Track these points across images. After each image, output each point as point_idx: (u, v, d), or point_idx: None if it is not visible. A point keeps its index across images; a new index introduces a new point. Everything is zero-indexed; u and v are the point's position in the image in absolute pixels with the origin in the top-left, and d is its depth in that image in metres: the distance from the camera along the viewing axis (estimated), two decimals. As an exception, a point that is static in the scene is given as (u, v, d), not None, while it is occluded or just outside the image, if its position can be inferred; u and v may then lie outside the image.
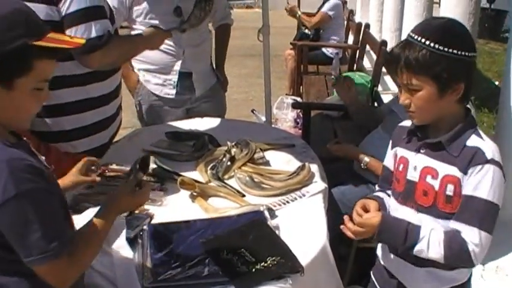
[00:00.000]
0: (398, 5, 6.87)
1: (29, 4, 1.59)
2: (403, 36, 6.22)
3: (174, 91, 3.41)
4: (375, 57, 5.66)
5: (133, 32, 3.28)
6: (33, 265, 1.46)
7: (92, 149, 2.62)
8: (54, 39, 1.54)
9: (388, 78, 5.62)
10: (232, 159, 2.54)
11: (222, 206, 2.22)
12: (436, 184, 1.76)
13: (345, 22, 7.68)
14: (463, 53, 1.67)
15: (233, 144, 2.64)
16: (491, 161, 1.68)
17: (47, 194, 1.49)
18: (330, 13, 7.14)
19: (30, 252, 1.44)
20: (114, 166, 2.35)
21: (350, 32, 7.66)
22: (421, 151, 1.82)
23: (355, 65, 6.34)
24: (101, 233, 1.64)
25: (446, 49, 1.65)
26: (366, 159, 2.85)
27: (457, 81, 1.70)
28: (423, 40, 1.67)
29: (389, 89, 5.87)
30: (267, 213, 2.07)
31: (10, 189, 1.40)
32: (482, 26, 7.74)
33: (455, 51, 1.66)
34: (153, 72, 3.42)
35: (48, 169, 1.60)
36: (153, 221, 2.03)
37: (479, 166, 1.68)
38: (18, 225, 1.43)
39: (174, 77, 3.39)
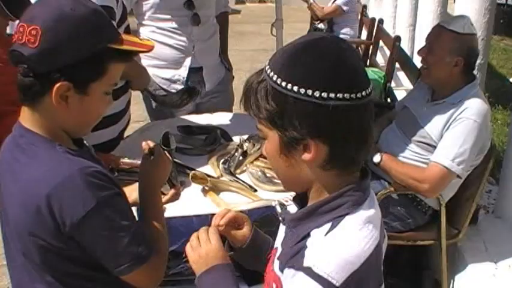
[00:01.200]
0: (413, 0, 6.83)
1: None
2: (417, 32, 6.23)
3: (182, 86, 3.40)
4: (388, 52, 5.63)
5: (141, 29, 3.29)
6: (124, 273, 1.42)
7: (101, 144, 2.61)
8: (128, 41, 1.48)
9: (401, 74, 5.59)
10: (245, 154, 2.54)
11: (234, 201, 2.21)
12: None
13: (359, 17, 7.64)
14: (306, 91, 1.09)
15: (245, 138, 2.63)
16: None
17: (121, 198, 1.45)
18: (344, 8, 7.11)
19: (121, 261, 1.40)
20: (126, 160, 2.35)
21: (363, 27, 7.62)
22: None
23: (368, 61, 6.31)
24: (160, 217, 1.62)
25: (284, 84, 1.11)
26: (378, 157, 2.83)
27: (304, 136, 1.13)
28: (268, 71, 1.15)
29: (402, 85, 5.83)
30: (278, 208, 2.05)
31: (90, 199, 1.34)
32: (497, 22, 7.68)
33: (297, 90, 1.10)
34: (162, 68, 3.41)
35: (111, 173, 1.58)
36: (165, 215, 2.02)
37: None
38: (105, 235, 1.38)
39: (183, 73, 3.37)
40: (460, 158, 2.58)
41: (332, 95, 1.08)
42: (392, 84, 5.21)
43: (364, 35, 7.49)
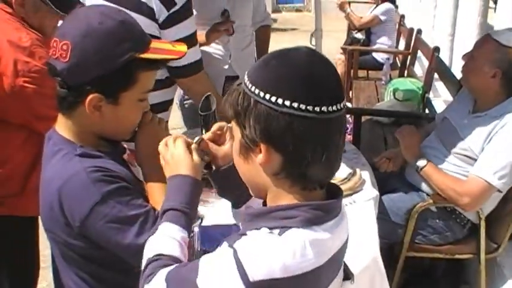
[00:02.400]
0: (452, 10, 6.76)
1: (131, 13, 1.56)
2: (456, 42, 6.16)
3: (220, 94, 3.42)
4: (425, 63, 5.58)
5: None
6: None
7: None
8: (157, 49, 1.51)
9: (439, 84, 5.52)
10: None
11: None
12: None
13: (396, 27, 7.60)
14: (265, 95, 1.10)
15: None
16: None
17: (128, 190, 1.46)
18: (382, 17, 7.08)
19: (134, 251, 1.39)
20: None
21: (401, 37, 7.57)
22: None
23: (405, 71, 6.27)
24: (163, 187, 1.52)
25: (250, 86, 1.14)
26: (424, 162, 2.79)
27: (257, 140, 1.14)
28: (245, 74, 1.18)
29: (440, 96, 5.77)
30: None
31: (95, 194, 1.39)
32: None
33: (257, 92, 1.12)
34: None
35: (138, 181, 1.58)
36: (204, 223, 2.04)
37: None
38: (113, 228, 1.40)
39: (220, 82, 3.40)
40: (501, 172, 2.54)
41: (287, 103, 1.08)
42: (431, 95, 5.16)
43: (401, 45, 7.44)
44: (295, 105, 1.08)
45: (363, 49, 6.97)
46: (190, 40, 2.42)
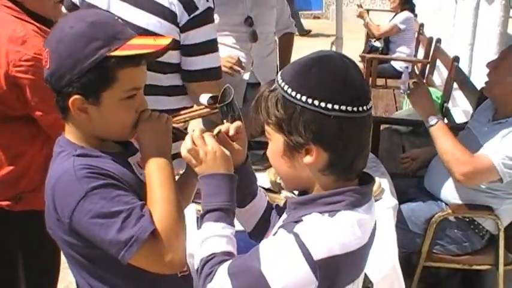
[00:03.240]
0: (472, 19, 6.73)
1: (153, 17, 1.58)
2: (476, 52, 6.13)
3: (241, 102, 3.44)
4: (444, 72, 5.56)
5: None
6: (127, 258, 1.38)
7: None
8: (134, 45, 1.50)
9: (457, 94, 5.50)
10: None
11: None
12: None
13: (415, 35, 7.58)
14: (313, 101, 1.22)
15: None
16: None
17: (115, 187, 1.43)
18: (401, 26, 7.07)
19: (117, 246, 1.38)
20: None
21: (420, 46, 7.55)
22: None
23: (424, 80, 6.24)
24: (165, 185, 1.49)
25: (294, 94, 1.23)
26: (434, 120, 2.74)
27: (308, 142, 1.25)
28: (280, 81, 1.28)
29: (459, 105, 5.75)
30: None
31: (79, 190, 1.39)
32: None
33: (305, 99, 1.22)
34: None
35: (142, 183, 1.55)
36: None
37: None
38: (97, 223, 1.39)
39: (242, 89, 3.42)
40: (507, 159, 2.52)
41: (336, 107, 1.21)
42: (450, 104, 5.14)
43: (420, 53, 7.41)
44: (343, 108, 1.21)
45: (382, 57, 6.96)
46: (209, 46, 2.43)
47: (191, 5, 2.32)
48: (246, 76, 3.40)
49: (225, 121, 1.66)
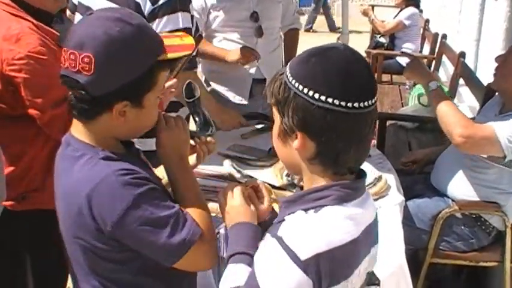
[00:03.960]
0: (478, 15, 6.70)
1: None
2: (482, 48, 6.10)
3: (247, 97, 3.44)
4: (450, 68, 5.54)
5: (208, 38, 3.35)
6: (175, 262, 1.44)
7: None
8: (171, 46, 1.49)
9: (463, 90, 5.48)
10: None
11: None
12: None
13: (421, 31, 7.55)
14: (303, 89, 1.23)
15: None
16: None
17: (157, 191, 1.46)
18: (406, 22, 7.05)
19: (167, 252, 1.42)
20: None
21: (426, 42, 7.53)
22: None
23: (430, 76, 6.22)
24: (194, 192, 1.59)
25: (291, 79, 1.26)
26: (435, 84, 2.71)
27: (294, 128, 1.27)
28: (287, 66, 1.32)
29: (464, 101, 5.73)
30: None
31: (126, 197, 1.38)
32: None
33: (297, 86, 1.24)
34: (225, 80, 3.46)
35: (159, 180, 1.59)
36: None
37: None
38: (146, 230, 1.40)
39: (247, 85, 3.42)
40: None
41: (323, 98, 1.21)
42: (456, 100, 5.12)
43: (426, 49, 7.39)
44: (330, 100, 1.21)
45: (387, 53, 6.94)
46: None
47: None
48: (252, 71, 3.40)
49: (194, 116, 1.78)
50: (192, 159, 1.74)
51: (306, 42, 2.71)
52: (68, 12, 2.85)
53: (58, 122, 2.06)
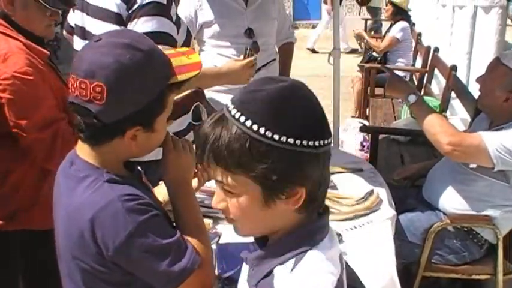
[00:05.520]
0: (469, 28, 6.75)
1: (109, 25, 1.55)
2: (473, 60, 6.13)
3: None
4: (442, 81, 5.57)
5: (202, 55, 3.36)
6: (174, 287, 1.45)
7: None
8: (179, 67, 1.48)
9: (455, 103, 5.51)
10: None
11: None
12: None
13: (413, 45, 7.61)
14: (289, 140, 1.08)
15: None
16: None
17: (160, 218, 1.46)
18: (398, 36, 7.11)
19: (167, 279, 1.42)
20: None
21: (418, 55, 7.57)
22: None
23: (423, 89, 6.26)
24: (195, 218, 1.58)
25: (270, 135, 1.08)
26: (414, 97, 2.71)
27: (289, 184, 1.12)
28: (241, 118, 1.11)
29: (457, 114, 5.76)
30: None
31: (130, 223, 1.37)
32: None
33: (278, 138, 1.08)
34: (221, 93, 3.47)
35: (159, 203, 1.58)
36: (221, 240, 2.05)
37: None
38: (147, 257, 1.40)
39: None
40: (502, 148, 2.50)
41: (317, 143, 1.11)
42: (448, 113, 5.15)
43: (418, 62, 7.43)
44: (321, 143, 1.12)
45: (380, 67, 6.97)
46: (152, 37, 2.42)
47: (130, 1, 2.32)
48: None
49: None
50: (193, 182, 1.74)
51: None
52: (64, 32, 2.85)
53: (40, 147, 2.06)
